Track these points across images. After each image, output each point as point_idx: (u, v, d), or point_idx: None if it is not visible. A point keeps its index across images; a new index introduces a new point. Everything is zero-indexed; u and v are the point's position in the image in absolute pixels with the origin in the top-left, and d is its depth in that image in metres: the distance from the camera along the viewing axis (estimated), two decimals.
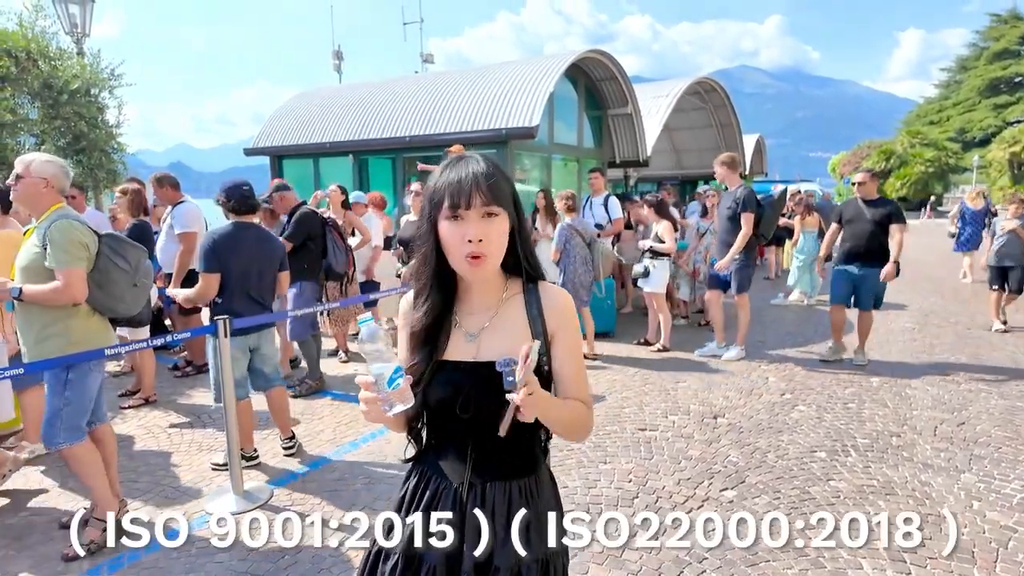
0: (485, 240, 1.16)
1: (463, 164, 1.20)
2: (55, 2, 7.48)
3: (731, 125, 14.37)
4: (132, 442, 4.12)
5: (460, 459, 1.28)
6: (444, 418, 1.28)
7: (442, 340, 1.26)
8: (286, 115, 9.25)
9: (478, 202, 1.15)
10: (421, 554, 1.25)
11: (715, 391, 4.97)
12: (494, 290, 1.29)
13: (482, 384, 1.20)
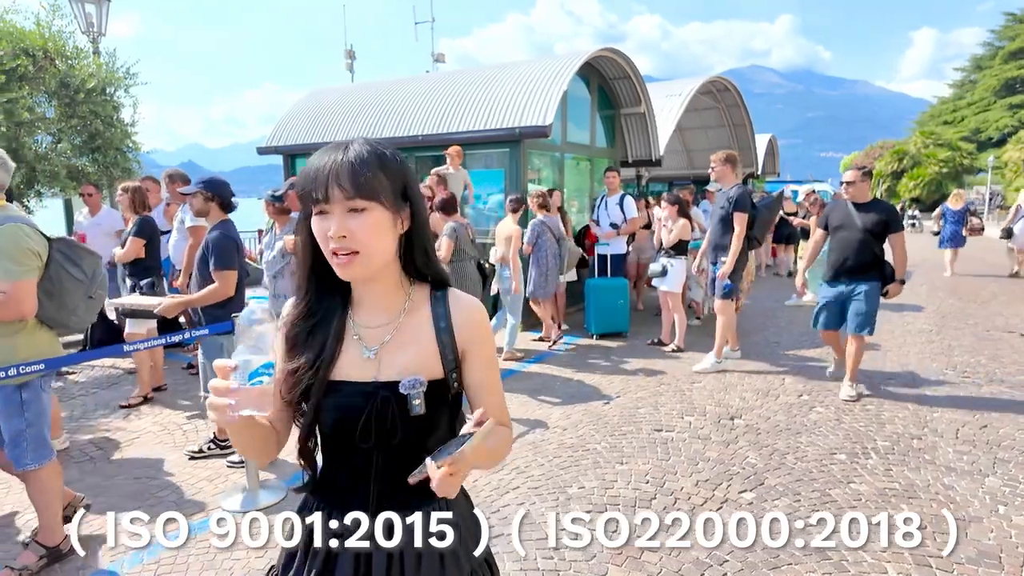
0: (349, 236, 1.01)
1: (337, 150, 1.04)
2: (72, 2, 7.54)
3: (744, 125, 14.28)
4: (148, 439, 4.13)
5: (359, 490, 1.13)
6: (341, 446, 1.12)
7: (331, 349, 1.10)
8: (299, 114, 9.27)
9: (338, 195, 1.00)
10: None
11: (731, 392, 4.92)
12: (394, 298, 1.14)
13: (384, 407, 1.07)
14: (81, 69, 6.52)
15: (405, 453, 1.10)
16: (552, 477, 3.48)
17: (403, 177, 1.08)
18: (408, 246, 1.13)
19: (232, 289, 3.59)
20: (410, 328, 1.13)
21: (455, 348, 1.13)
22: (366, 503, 1.12)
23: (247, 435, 1.06)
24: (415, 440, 1.11)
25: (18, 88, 5.87)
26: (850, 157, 47.32)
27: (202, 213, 3.63)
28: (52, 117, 6.45)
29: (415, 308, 1.15)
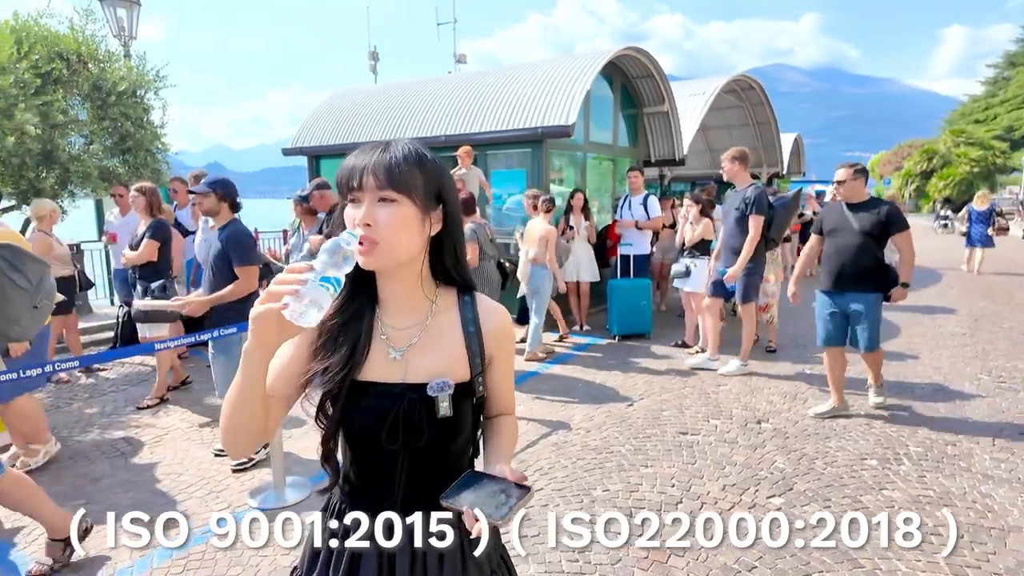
0: (374, 225, 1.00)
1: (378, 147, 1.05)
2: (104, 6, 7.71)
3: (768, 123, 14.10)
4: (176, 435, 4.19)
5: (386, 491, 1.12)
6: (367, 447, 1.12)
7: (362, 353, 1.09)
8: (323, 115, 9.36)
9: (371, 183, 1.01)
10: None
11: (758, 395, 4.84)
12: (421, 300, 1.13)
13: (411, 408, 1.07)
14: (112, 72, 6.65)
15: (431, 454, 1.11)
16: (576, 479, 3.46)
17: (439, 180, 1.08)
18: (438, 248, 1.12)
19: (255, 284, 3.63)
20: (438, 331, 1.13)
21: (483, 353, 1.14)
22: (393, 504, 1.12)
23: (259, 365, 0.96)
24: (441, 442, 1.11)
25: (52, 91, 6.00)
26: (877, 157, 46.38)
27: (212, 212, 3.65)
28: (85, 119, 6.58)
29: (442, 311, 1.15)
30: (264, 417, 1.02)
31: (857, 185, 4.21)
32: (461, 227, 1.17)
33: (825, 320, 4.34)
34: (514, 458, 3.66)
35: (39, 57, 6.05)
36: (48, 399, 5.04)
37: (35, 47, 6.06)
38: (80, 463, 3.77)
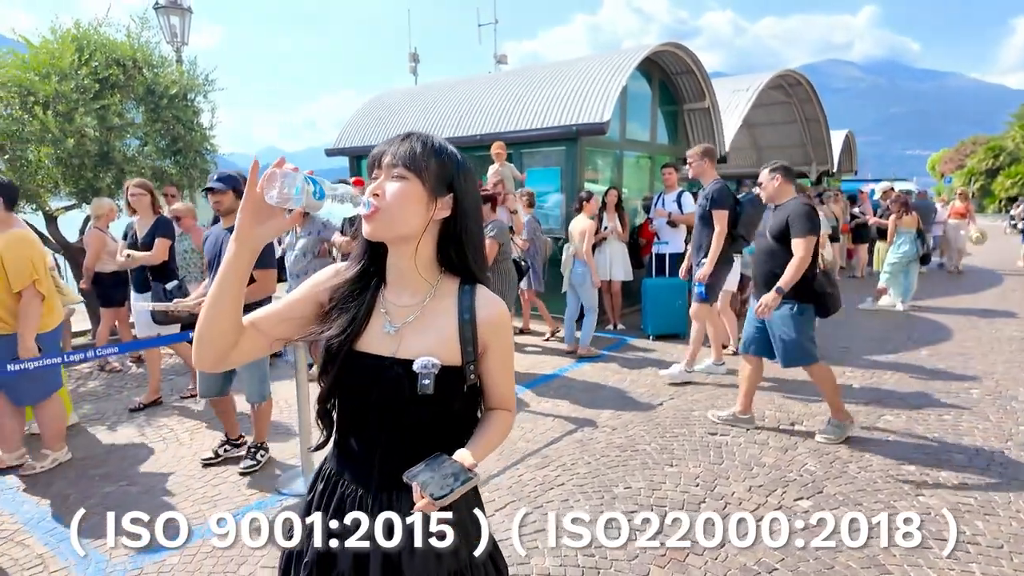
0: (381, 195, 1.10)
1: (403, 135, 1.14)
2: (158, 14, 8.09)
3: (817, 120, 13.67)
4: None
5: (368, 462, 1.18)
6: (355, 414, 1.19)
7: (361, 323, 1.16)
8: (364, 117, 9.56)
9: (387, 160, 1.11)
10: (335, 555, 1.18)
11: (794, 397, 4.71)
12: (421, 281, 1.18)
13: (395, 382, 1.12)
14: (165, 77, 6.96)
15: (415, 434, 1.15)
16: (598, 476, 3.44)
17: (451, 170, 1.14)
18: (444, 236, 1.17)
19: (274, 287, 3.50)
20: (434, 313, 1.17)
21: (476, 342, 1.17)
22: (371, 480, 1.18)
23: (233, 266, 1.07)
24: (424, 423, 1.15)
25: (110, 96, 6.32)
26: (937, 155, 44.27)
27: (231, 211, 3.46)
28: (139, 122, 6.91)
29: (441, 295, 1.19)
30: (234, 336, 1.10)
31: (773, 186, 3.90)
32: (475, 219, 1.20)
33: (747, 324, 4.06)
34: (537, 454, 3.69)
35: (98, 63, 6.38)
36: (100, 386, 5.33)
37: (95, 54, 6.40)
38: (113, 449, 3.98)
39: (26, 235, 3.44)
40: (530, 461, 3.63)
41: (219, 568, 2.66)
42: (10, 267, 3.29)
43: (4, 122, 5.88)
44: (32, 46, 6.33)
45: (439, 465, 1.05)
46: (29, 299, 3.33)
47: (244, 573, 2.62)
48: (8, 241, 3.31)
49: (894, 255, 7.75)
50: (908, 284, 7.87)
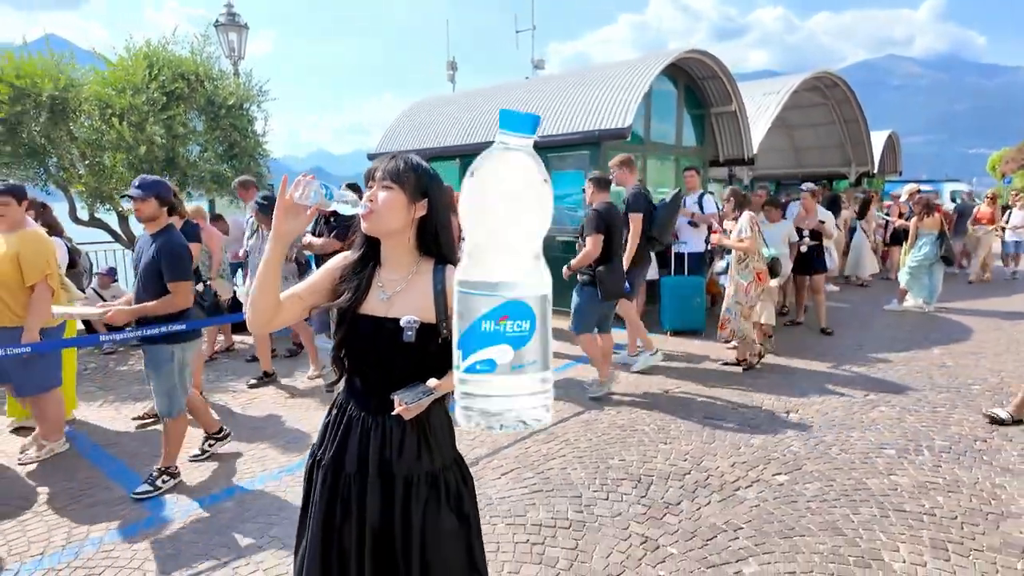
0: (375, 201, 1.52)
1: (391, 156, 1.58)
2: (218, 31, 8.83)
3: (856, 120, 13.56)
4: (268, 398, 4.94)
5: (367, 393, 1.61)
6: (358, 357, 1.62)
7: (363, 292, 1.58)
8: (403, 123, 10.13)
9: (379, 176, 1.54)
10: (343, 460, 1.61)
11: (794, 388, 4.97)
12: (406, 262, 1.61)
13: (387, 335, 1.54)
14: (224, 88, 7.65)
15: (399, 375, 1.58)
16: (597, 450, 3.83)
17: (425, 181, 1.60)
18: (422, 229, 1.62)
19: (190, 300, 3.44)
20: (416, 285, 1.62)
21: (446, 305, 1.59)
22: (368, 405, 1.62)
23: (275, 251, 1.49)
24: (408, 366, 1.58)
25: (175, 107, 7.02)
26: (998, 154, 42.29)
27: (152, 219, 3.33)
28: (200, 131, 7.62)
29: (421, 272, 1.63)
30: (274, 308, 1.56)
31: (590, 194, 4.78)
32: (445, 217, 1.65)
33: None
34: (544, 431, 4.09)
35: (165, 78, 7.10)
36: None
37: (163, 69, 7.12)
38: None
39: (40, 233, 3.75)
40: (537, 436, 4.03)
41: (263, 513, 3.17)
42: (26, 262, 3.52)
43: (86, 132, 6.64)
44: (110, 63, 7.10)
45: (414, 387, 1.50)
46: (41, 292, 3.58)
47: (284, 515, 3.12)
48: (24, 238, 3.59)
49: (914, 257, 7.81)
50: (933, 285, 7.91)
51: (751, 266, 5.34)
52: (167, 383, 3.34)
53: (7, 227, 3.59)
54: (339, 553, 1.63)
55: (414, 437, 1.62)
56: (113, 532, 2.99)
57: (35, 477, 3.61)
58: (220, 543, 2.87)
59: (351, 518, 1.62)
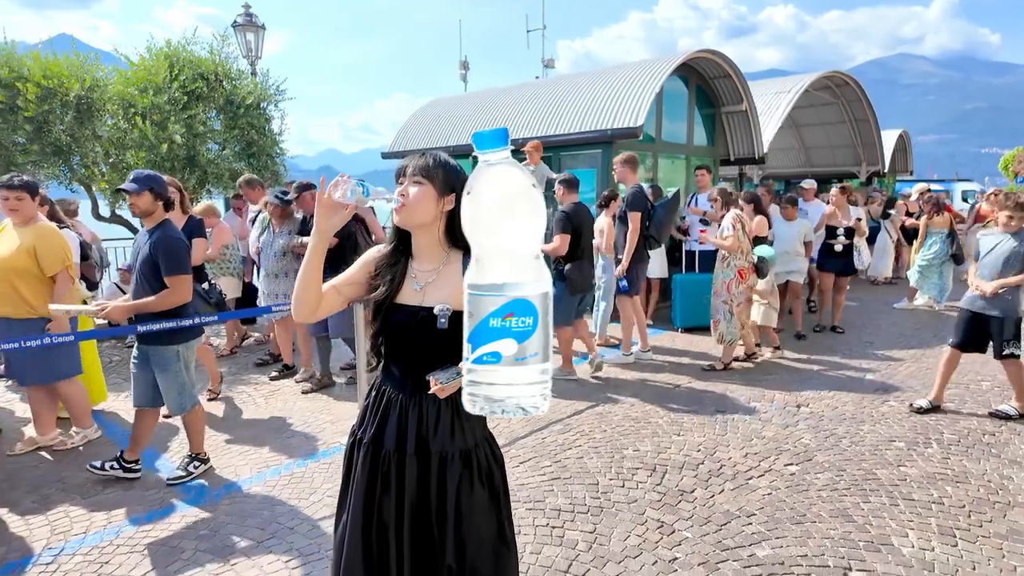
0: (406, 196, 1.62)
1: (421, 153, 1.67)
2: (235, 32, 8.98)
3: (867, 120, 13.58)
4: (286, 391, 5.07)
5: (403, 377, 1.70)
6: (395, 344, 1.72)
7: (398, 281, 1.68)
8: (416, 123, 10.26)
9: (409, 172, 1.63)
10: (383, 438, 1.72)
11: (805, 384, 5.05)
12: (437, 254, 1.70)
13: (422, 323, 1.64)
14: (242, 88, 7.80)
15: (433, 358, 1.67)
16: (612, 440, 3.93)
17: (452, 177, 1.70)
18: (450, 222, 1.72)
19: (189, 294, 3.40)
20: (446, 276, 1.72)
21: None
22: (404, 386, 1.73)
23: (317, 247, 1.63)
24: (441, 350, 1.68)
25: (195, 106, 7.18)
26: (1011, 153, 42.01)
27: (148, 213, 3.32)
28: (219, 129, 7.77)
29: (451, 263, 1.73)
30: (318, 298, 1.70)
31: (559, 194, 5.04)
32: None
33: None
34: (560, 422, 4.21)
35: (186, 78, 7.26)
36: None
37: (183, 69, 7.28)
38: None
39: (53, 227, 3.85)
40: (553, 427, 4.14)
41: (295, 495, 3.30)
42: (43, 255, 3.63)
43: (110, 131, 6.80)
44: (131, 63, 7.27)
45: (447, 368, 1.60)
46: (62, 282, 3.71)
47: (313, 500, 3.24)
48: (39, 232, 3.69)
49: (924, 255, 7.85)
50: (943, 284, 7.94)
51: (732, 264, 5.42)
52: (176, 381, 3.34)
53: (21, 221, 3.69)
54: (379, 526, 1.75)
55: (448, 416, 1.72)
56: (153, 512, 3.13)
57: (73, 463, 3.75)
58: (254, 524, 3.00)
59: (390, 493, 1.74)
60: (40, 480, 3.53)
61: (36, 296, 3.68)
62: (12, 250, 3.62)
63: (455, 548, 1.71)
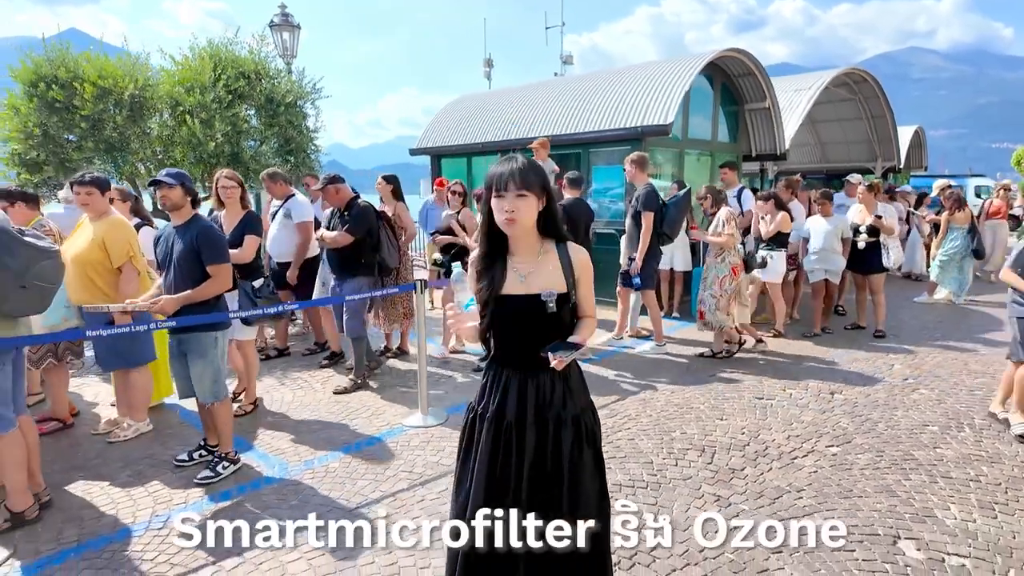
0: (515, 211, 1.79)
1: (507, 162, 1.82)
2: (272, 31, 9.22)
3: (883, 116, 13.68)
4: (338, 378, 5.31)
5: (515, 357, 1.93)
6: (505, 330, 1.92)
7: (500, 279, 1.87)
8: (444, 118, 10.47)
9: (512, 187, 1.79)
10: (504, 410, 1.95)
11: (835, 372, 5.26)
12: (534, 246, 1.91)
13: (529, 309, 1.86)
14: (280, 86, 8.04)
15: (542, 338, 1.90)
16: (658, 424, 4.15)
17: (544, 178, 1.92)
18: (543, 217, 1.93)
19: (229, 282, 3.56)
20: (545, 264, 1.94)
21: (573, 275, 1.94)
22: (517, 366, 1.97)
23: (470, 329, 1.95)
24: (548, 330, 1.91)
25: (238, 104, 7.43)
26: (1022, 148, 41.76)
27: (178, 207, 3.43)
28: (259, 127, 8.02)
29: (547, 252, 1.96)
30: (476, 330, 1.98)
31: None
32: (555, 205, 1.98)
33: None
34: (604, 408, 4.46)
35: (228, 77, 7.50)
36: None
37: (226, 68, 7.52)
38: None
39: (123, 220, 4.02)
40: (600, 412, 4.35)
41: (369, 472, 3.54)
42: (111, 246, 3.81)
43: (159, 129, 7.06)
44: (176, 63, 7.51)
45: (561, 344, 1.84)
46: (127, 273, 3.89)
47: (389, 474, 3.49)
48: (108, 225, 3.87)
49: (945, 251, 8.01)
50: (964, 279, 8.11)
51: (727, 260, 5.61)
52: (212, 368, 3.45)
53: (94, 215, 3.91)
54: (501, 486, 1.98)
55: (561, 387, 1.97)
56: (242, 485, 3.38)
57: (154, 442, 4.02)
58: (340, 496, 3.25)
59: (511, 456, 1.97)
60: (130, 456, 3.80)
61: (111, 287, 3.90)
62: (87, 243, 3.86)
63: (569, 505, 1.95)
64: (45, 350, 4.10)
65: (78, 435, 4.17)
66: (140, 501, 3.25)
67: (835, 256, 6.55)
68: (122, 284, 3.91)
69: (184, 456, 3.68)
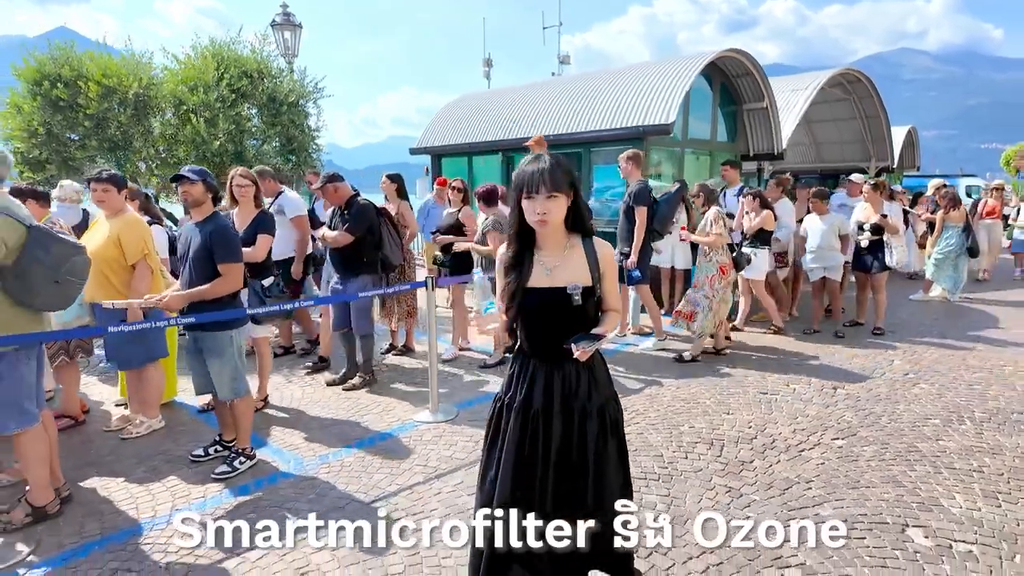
0: (547, 212, 1.87)
1: (537, 161, 1.89)
2: (274, 31, 9.24)
3: (877, 116, 13.83)
4: None
5: (541, 348, 2.01)
6: (531, 322, 2.01)
7: (527, 272, 1.95)
8: (444, 118, 10.51)
9: (543, 189, 1.85)
10: (531, 399, 2.01)
11: (837, 369, 5.34)
12: (561, 241, 1.98)
13: (555, 301, 1.94)
14: (282, 86, 8.06)
15: (567, 330, 1.96)
16: (666, 419, 4.22)
17: (572, 176, 1.97)
18: (570, 213, 1.99)
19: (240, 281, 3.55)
20: (571, 258, 2.01)
21: (598, 269, 2.00)
22: (543, 356, 2.03)
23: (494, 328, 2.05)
24: (573, 322, 1.97)
25: (241, 103, 7.44)
26: (1013, 149, 42.21)
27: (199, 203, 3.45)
28: (261, 126, 8.04)
29: (573, 246, 2.02)
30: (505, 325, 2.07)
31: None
32: (582, 200, 2.04)
33: None
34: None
35: (231, 76, 7.52)
36: None
37: (229, 68, 7.54)
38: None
39: (138, 217, 4.04)
40: None
41: (385, 467, 3.59)
42: (126, 244, 3.85)
43: (163, 128, 7.07)
44: (179, 62, 7.52)
45: (585, 336, 1.90)
46: (140, 270, 3.92)
47: (404, 468, 3.53)
48: (124, 222, 3.91)
49: (940, 249, 8.12)
50: (958, 277, 8.22)
51: (715, 259, 5.68)
52: (230, 365, 3.46)
53: (110, 212, 3.95)
54: (528, 473, 2.04)
55: (586, 377, 2.03)
56: (260, 480, 3.42)
57: (167, 438, 4.05)
58: (356, 489, 3.29)
59: (538, 444, 2.03)
60: (143, 453, 3.83)
61: (124, 284, 3.93)
62: (103, 240, 3.89)
63: (594, 495, 2.01)
64: (58, 347, 4.11)
65: (90, 432, 4.19)
66: (159, 496, 3.28)
67: (833, 253, 6.59)
68: (135, 281, 3.93)
69: (200, 451, 3.71)
